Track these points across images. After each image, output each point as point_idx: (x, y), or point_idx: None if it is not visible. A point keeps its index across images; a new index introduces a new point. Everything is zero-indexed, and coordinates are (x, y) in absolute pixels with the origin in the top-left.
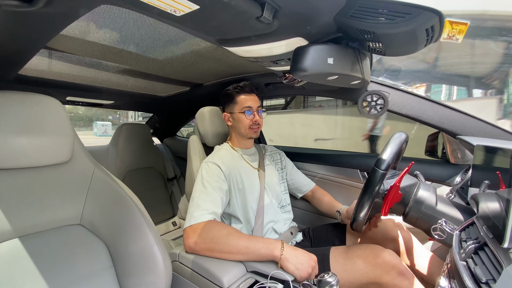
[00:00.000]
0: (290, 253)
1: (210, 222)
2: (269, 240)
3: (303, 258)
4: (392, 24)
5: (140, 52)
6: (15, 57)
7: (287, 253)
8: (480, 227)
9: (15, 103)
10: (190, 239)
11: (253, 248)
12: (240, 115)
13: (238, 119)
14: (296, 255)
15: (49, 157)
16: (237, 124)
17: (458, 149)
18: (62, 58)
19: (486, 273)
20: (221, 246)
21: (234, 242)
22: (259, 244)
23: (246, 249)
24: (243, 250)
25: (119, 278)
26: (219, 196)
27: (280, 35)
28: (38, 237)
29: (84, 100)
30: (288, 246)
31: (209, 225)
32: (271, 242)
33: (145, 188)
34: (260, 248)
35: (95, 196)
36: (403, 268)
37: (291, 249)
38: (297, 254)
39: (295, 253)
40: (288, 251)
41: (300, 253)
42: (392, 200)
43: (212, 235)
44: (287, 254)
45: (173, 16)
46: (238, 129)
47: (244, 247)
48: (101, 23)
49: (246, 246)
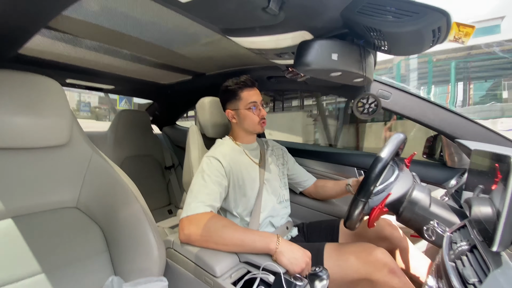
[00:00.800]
0: (285, 248)
1: (206, 214)
2: (265, 234)
3: (298, 253)
4: (399, 23)
5: (143, 38)
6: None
7: (282, 247)
8: (471, 230)
9: (14, 82)
10: (186, 229)
11: (248, 241)
12: (246, 112)
13: (245, 116)
14: (291, 250)
15: (46, 139)
16: (243, 121)
17: (455, 153)
18: (64, 40)
19: (474, 274)
20: (216, 238)
21: (229, 234)
22: (254, 237)
23: (241, 241)
24: (238, 242)
25: (113, 263)
26: (218, 190)
27: (286, 28)
28: (33, 218)
29: (84, 83)
30: (283, 240)
31: (205, 216)
32: (266, 236)
33: (142, 175)
34: (256, 241)
35: (92, 180)
36: (394, 266)
37: (287, 243)
38: (292, 248)
39: (290, 248)
40: (283, 245)
41: (295, 248)
42: (377, 216)
43: (208, 226)
44: (282, 248)
45: (178, 2)
46: (245, 126)
47: (240, 239)
48: (105, 5)
49: (241, 239)
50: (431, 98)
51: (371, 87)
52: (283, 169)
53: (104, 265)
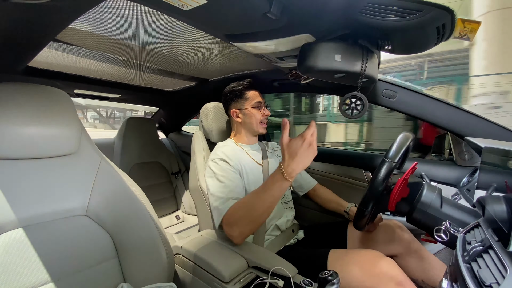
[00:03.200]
0: (290, 166)
1: (231, 209)
2: (268, 182)
3: (298, 158)
4: (402, 22)
5: (148, 47)
6: (25, 49)
7: (288, 168)
8: (485, 230)
9: (24, 94)
10: (232, 232)
11: (268, 197)
12: (252, 110)
13: (250, 114)
14: (296, 162)
15: (56, 148)
16: (248, 120)
17: (465, 151)
18: (71, 51)
19: (490, 276)
20: (255, 218)
21: (257, 209)
22: (267, 193)
23: (268, 204)
24: (267, 205)
25: (123, 269)
26: (238, 183)
27: (288, 31)
28: (44, 227)
29: (92, 93)
30: (280, 164)
31: (233, 210)
32: (271, 182)
33: (150, 182)
34: (273, 191)
35: (101, 188)
36: (401, 279)
37: (287, 163)
38: (295, 160)
39: (293, 161)
40: (287, 166)
41: (297, 159)
42: (399, 194)
43: (242, 217)
44: (288, 169)
45: (180, 11)
46: (249, 125)
47: (269, 202)
48: (110, 16)
49: (265, 204)
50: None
51: (376, 87)
52: None
53: (114, 272)
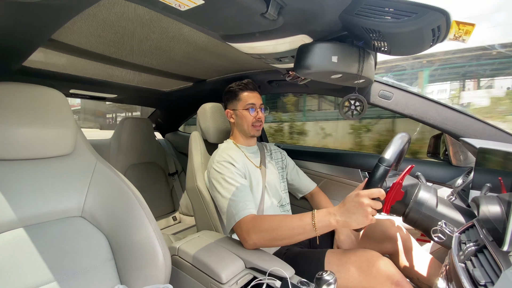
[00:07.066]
0: (342, 216)
1: (251, 216)
2: (301, 217)
3: (354, 210)
4: (398, 23)
5: (144, 47)
6: (20, 48)
7: (340, 217)
8: (480, 229)
9: (19, 94)
10: (249, 240)
11: (298, 230)
12: (243, 112)
13: (242, 116)
14: (347, 215)
15: (51, 149)
16: (240, 121)
17: (460, 151)
18: (66, 51)
19: (485, 275)
20: (276, 237)
21: (283, 232)
22: (296, 224)
23: (295, 234)
24: (294, 235)
25: (119, 271)
26: (247, 186)
27: (285, 32)
28: (40, 228)
29: (88, 93)
30: (320, 214)
31: (254, 218)
32: (303, 219)
33: (146, 183)
34: (303, 229)
35: (96, 189)
36: (398, 278)
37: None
38: (343, 211)
39: (344, 213)
40: (339, 217)
41: (345, 209)
42: (394, 198)
43: (263, 229)
44: (340, 217)
45: (177, 11)
46: (241, 126)
47: (291, 233)
48: (106, 16)
49: (291, 233)
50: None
51: (372, 88)
52: (283, 173)
53: (110, 273)
